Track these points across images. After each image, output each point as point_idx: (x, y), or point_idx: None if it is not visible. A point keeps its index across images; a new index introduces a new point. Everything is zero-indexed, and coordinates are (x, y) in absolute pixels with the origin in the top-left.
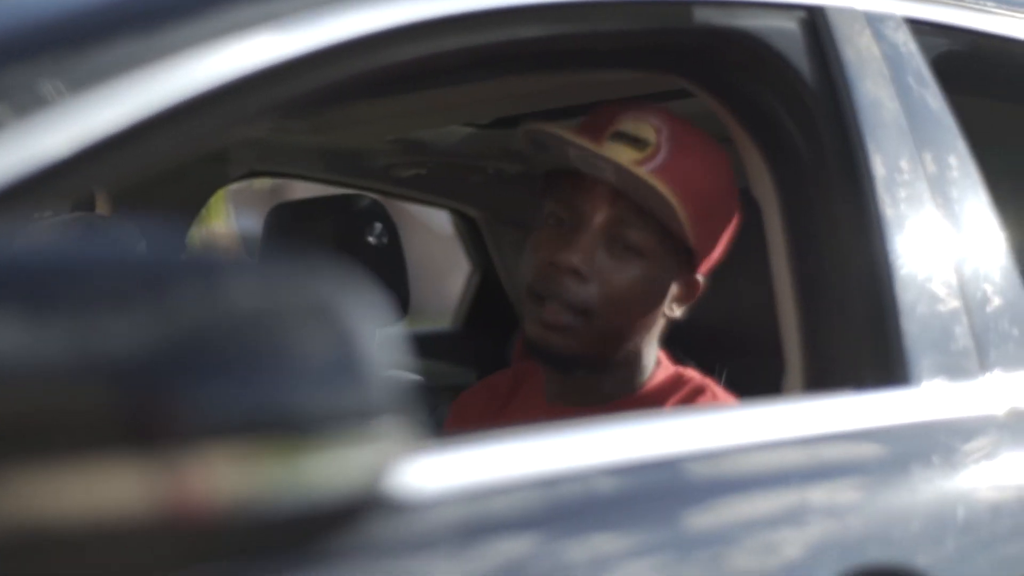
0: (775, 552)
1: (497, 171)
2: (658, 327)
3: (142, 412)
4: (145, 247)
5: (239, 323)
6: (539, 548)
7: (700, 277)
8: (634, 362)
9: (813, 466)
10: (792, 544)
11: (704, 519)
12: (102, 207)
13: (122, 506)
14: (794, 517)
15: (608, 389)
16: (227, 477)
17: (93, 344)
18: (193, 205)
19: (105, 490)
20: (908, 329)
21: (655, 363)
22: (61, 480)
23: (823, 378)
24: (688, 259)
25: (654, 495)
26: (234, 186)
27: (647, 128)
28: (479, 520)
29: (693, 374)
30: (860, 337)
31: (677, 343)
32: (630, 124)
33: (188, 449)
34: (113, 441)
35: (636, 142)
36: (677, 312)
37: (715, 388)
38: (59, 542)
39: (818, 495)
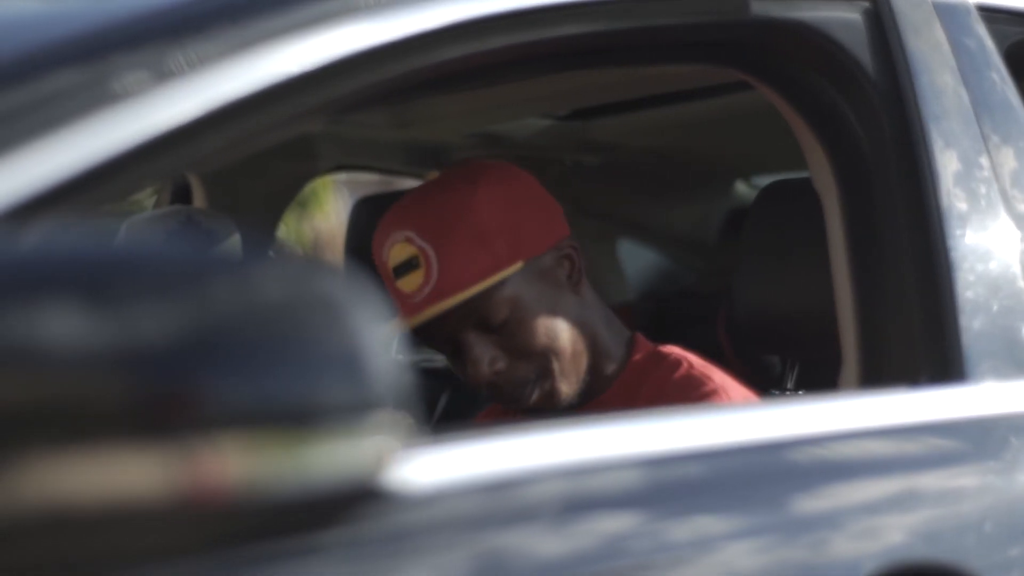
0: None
1: (575, 163)
2: (582, 308)
3: (163, 400)
4: (177, 242)
5: (251, 318)
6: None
7: (566, 242)
8: (597, 354)
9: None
10: (835, 541)
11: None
12: (198, 200)
13: (142, 489)
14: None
15: (593, 389)
16: (239, 464)
17: (121, 335)
18: (282, 198)
19: (126, 473)
20: (967, 325)
21: (627, 345)
22: (85, 463)
23: (878, 374)
24: (537, 256)
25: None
26: (343, 176)
27: (400, 248)
28: (498, 509)
29: (671, 350)
30: (917, 333)
31: (750, 338)
32: (393, 255)
33: (205, 436)
34: (135, 427)
35: (409, 267)
36: (579, 281)
37: (691, 359)
38: (82, 522)
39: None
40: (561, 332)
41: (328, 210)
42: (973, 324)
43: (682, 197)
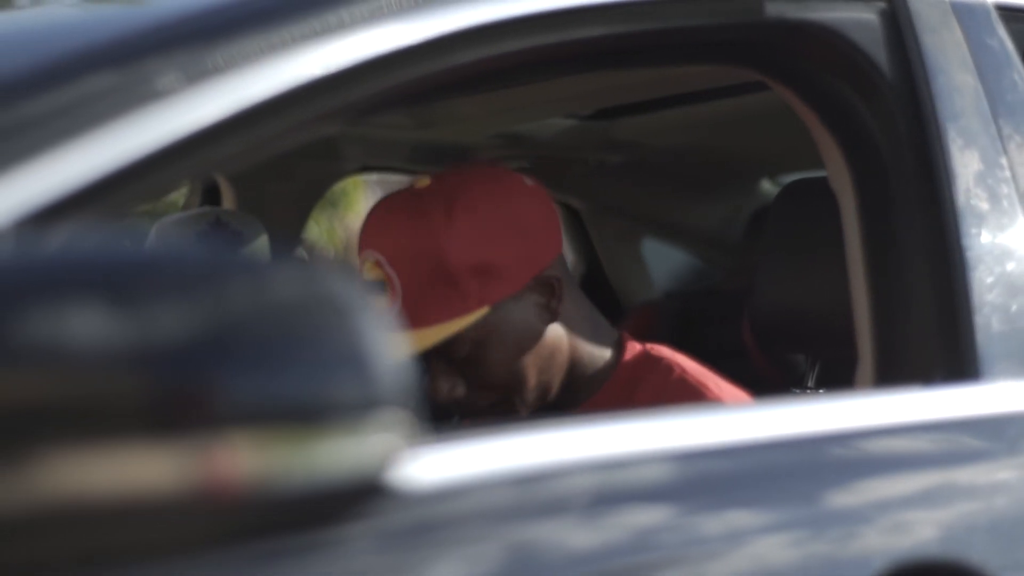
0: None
1: (599, 162)
2: (557, 332)
3: (178, 398)
4: (191, 245)
5: (262, 319)
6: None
7: (546, 272)
8: (580, 365)
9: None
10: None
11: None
12: (227, 201)
13: (158, 483)
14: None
15: (580, 395)
16: (251, 459)
17: (139, 335)
18: (309, 199)
19: (143, 468)
20: (983, 325)
21: (613, 350)
22: (103, 459)
23: (893, 372)
24: (510, 295)
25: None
26: (375, 176)
27: (370, 267)
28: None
29: (661, 352)
30: (932, 332)
31: (770, 336)
32: (365, 271)
33: (218, 433)
34: (152, 424)
35: (377, 288)
36: (556, 309)
37: (684, 364)
38: (100, 516)
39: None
40: (527, 366)
41: (360, 210)
42: (989, 324)
43: (707, 195)
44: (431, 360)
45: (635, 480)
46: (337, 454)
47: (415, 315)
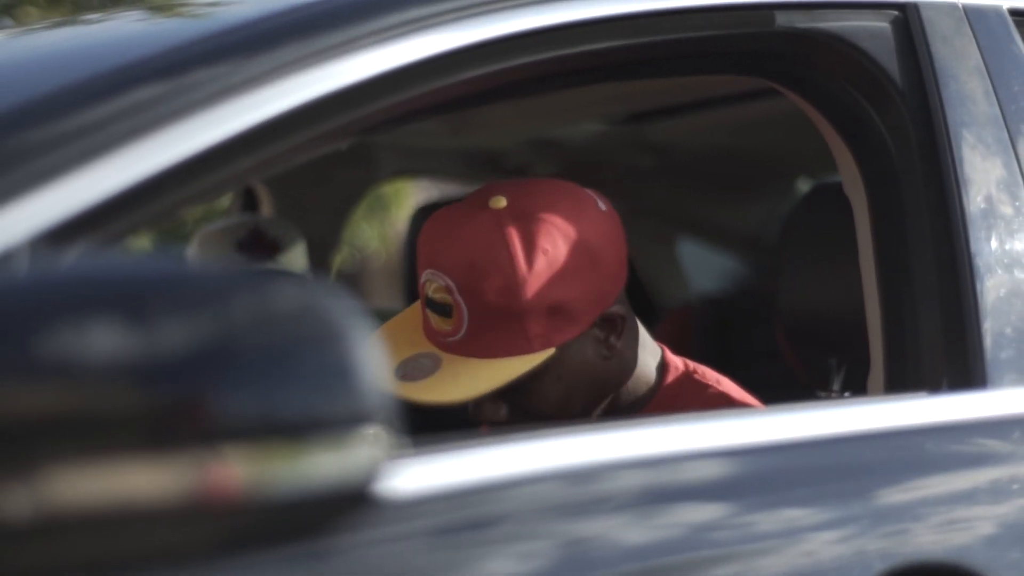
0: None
1: (630, 165)
2: (609, 366)
3: (177, 412)
4: (183, 264)
5: (257, 336)
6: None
7: (611, 310)
8: (625, 392)
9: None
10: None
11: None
12: (266, 209)
13: (158, 492)
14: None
15: (625, 407)
16: (244, 470)
17: (139, 352)
18: (346, 205)
19: (143, 478)
20: (991, 332)
21: (656, 373)
22: (106, 469)
23: (902, 378)
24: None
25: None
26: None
27: (438, 289)
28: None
29: (704, 374)
30: (940, 339)
31: (795, 339)
32: (430, 291)
33: (215, 445)
34: (152, 436)
35: (443, 311)
36: (615, 347)
37: (729, 389)
38: (103, 523)
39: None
40: (574, 400)
41: (408, 212)
42: (997, 331)
43: (742, 197)
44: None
45: (598, 490)
46: (323, 466)
47: (478, 346)
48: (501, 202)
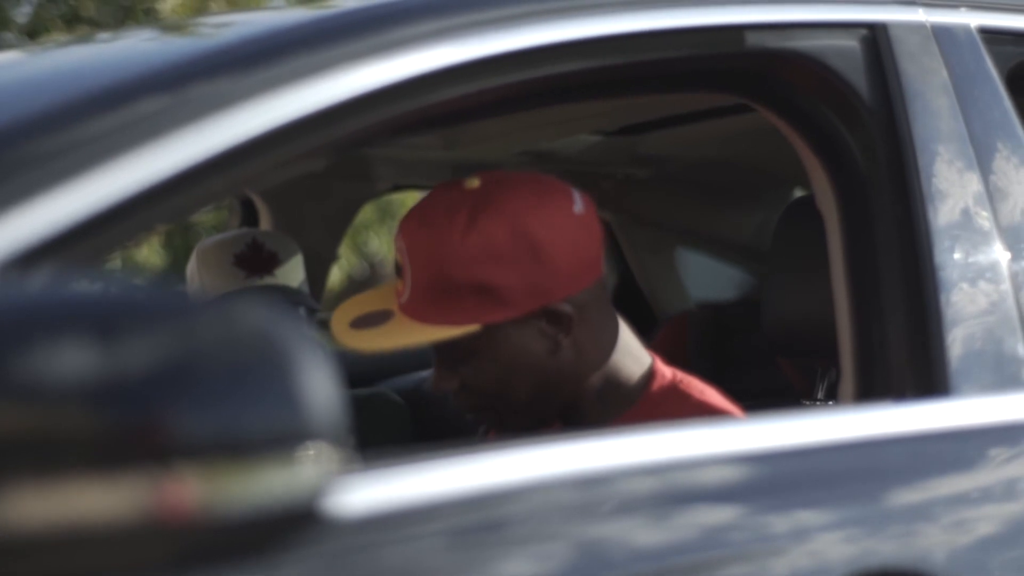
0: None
1: (627, 176)
2: (560, 363)
3: (132, 432)
4: (127, 287)
5: (205, 356)
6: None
7: (557, 307)
8: (595, 395)
9: None
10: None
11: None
12: (264, 222)
13: (113, 511)
14: None
15: (599, 416)
16: (198, 489)
17: (94, 373)
18: (342, 218)
19: (98, 497)
20: (954, 342)
21: (640, 381)
22: (62, 489)
23: (871, 388)
24: (508, 319)
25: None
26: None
27: (398, 251)
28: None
29: (690, 385)
30: (905, 349)
31: (784, 347)
32: (395, 251)
33: (169, 464)
34: (107, 456)
35: (398, 272)
36: (561, 342)
37: (714, 401)
38: (59, 543)
39: None
40: (516, 386)
41: None
42: (960, 341)
43: (739, 206)
44: (436, 353)
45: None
46: (271, 485)
47: (417, 309)
48: (474, 183)
